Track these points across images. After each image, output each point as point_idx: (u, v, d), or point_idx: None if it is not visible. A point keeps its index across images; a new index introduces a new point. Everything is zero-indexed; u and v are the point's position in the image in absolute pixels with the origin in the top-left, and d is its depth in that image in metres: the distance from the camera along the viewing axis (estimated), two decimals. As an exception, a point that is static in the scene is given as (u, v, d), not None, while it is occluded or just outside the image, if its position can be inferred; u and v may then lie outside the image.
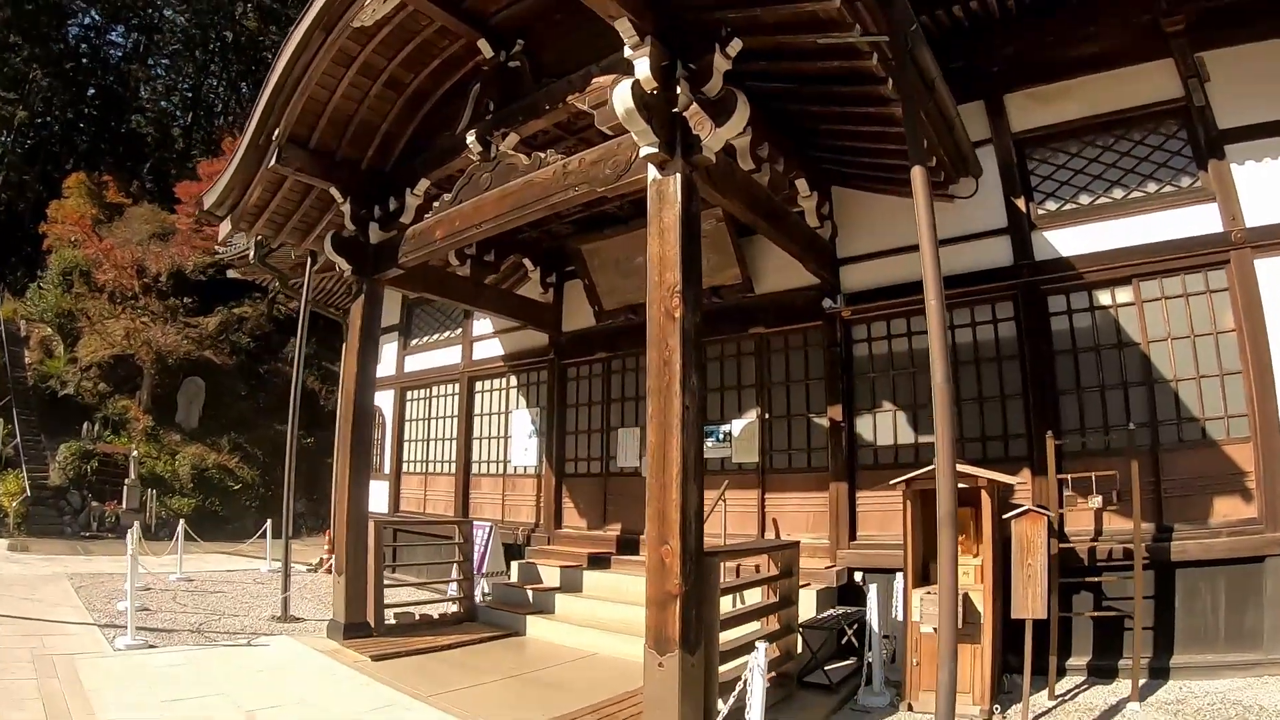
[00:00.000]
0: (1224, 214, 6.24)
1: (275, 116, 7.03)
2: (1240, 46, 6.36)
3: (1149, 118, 6.68)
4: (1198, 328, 6.25)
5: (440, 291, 8.68)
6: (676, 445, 4.83)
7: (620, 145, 5.67)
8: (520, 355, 10.84)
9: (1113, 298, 6.59)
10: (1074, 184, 6.93)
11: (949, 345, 7.01)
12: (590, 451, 9.79)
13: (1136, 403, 6.34)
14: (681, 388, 4.90)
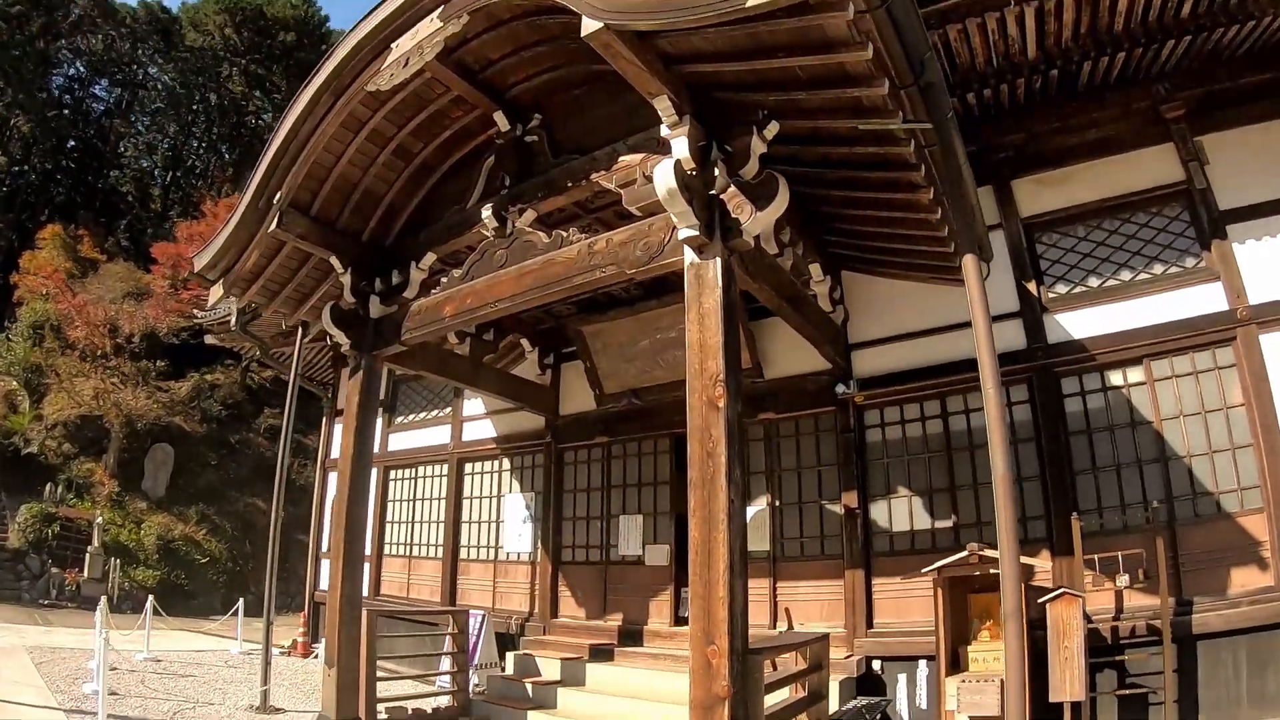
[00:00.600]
0: (1228, 292, 6.24)
1: (277, 179, 6.56)
2: (1237, 129, 6.52)
3: (1153, 200, 6.71)
4: (1208, 404, 6.19)
5: (440, 371, 8.06)
6: (723, 541, 4.45)
7: (652, 226, 5.24)
8: (514, 438, 10.18)
9: (1125, 378, 6.51)
10: (1083, 267, 6.90)
11: (965, 430, 6.75)
12: (589, 538, 9.17)
13: (1152, 480, 6.23)
14: (727, 480, 4.52)
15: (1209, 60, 6.51)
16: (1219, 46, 6.37)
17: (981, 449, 6.67)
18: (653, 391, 8.57)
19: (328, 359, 13.03)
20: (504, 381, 9.07)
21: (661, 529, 8.49)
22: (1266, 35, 6.23)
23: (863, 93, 4.78)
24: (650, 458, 8.79)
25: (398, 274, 7.24)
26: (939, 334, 7.14)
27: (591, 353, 8.87)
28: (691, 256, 5.02)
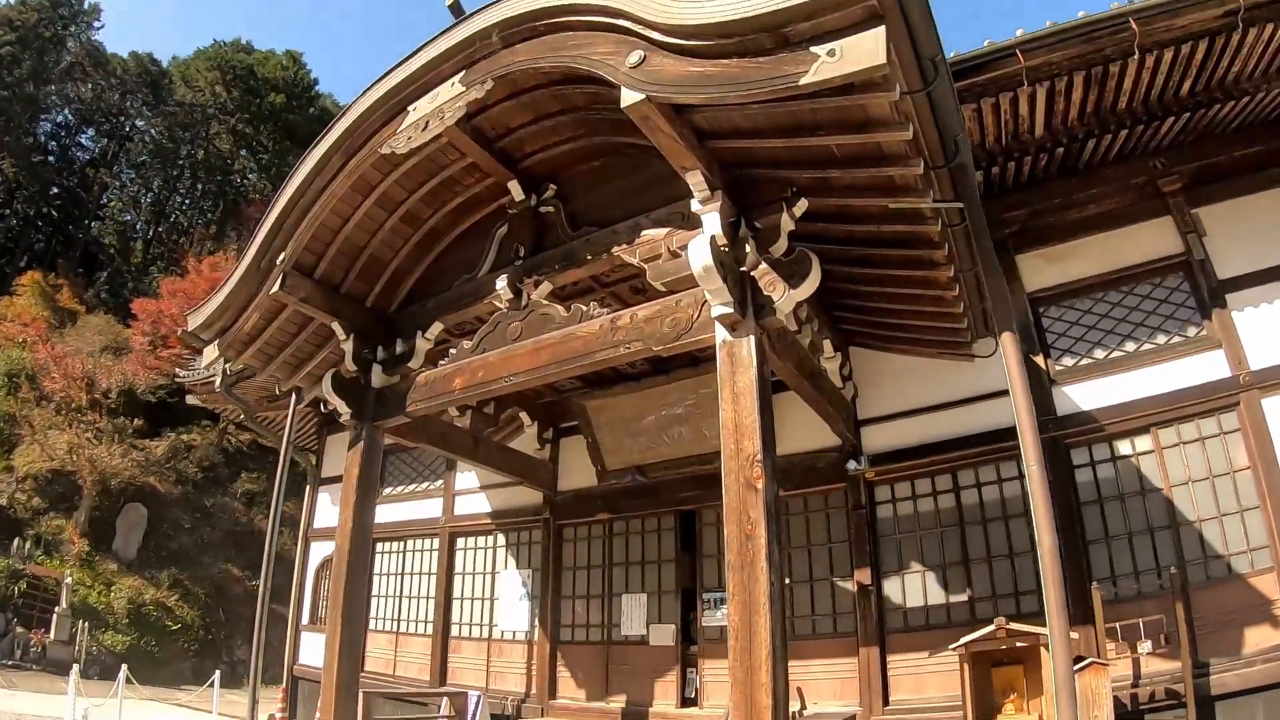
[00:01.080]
0: (1230, 359, 6.21)
1: (281, 239, 6.22)
2: (1231, 201, 6.57)
3: (1154, 272, 6.71)
4: (1215, 468, 6.11)
5: (441, 444, 7.63)
6: (765, 625, 4.17)
7: (679, 303, 4.95)
8: (511, 513, 9.63)
9: (1133, 447, 6.42)
10: (1088, 339, 6.83)
11: (978, 503, 6.48)
12: (589, 617, 8.64)
13: (1164, 546, 6.10)
14: (767, 563, 4.27)
15: (1202, 135, 6.60)
16: (1212, 122, 6.44)
17: (995, 522, 6.64)
18: (657, 468, 8.26)
19: (312, 426, 12.33)
20: (504, 456, 8.65)
21: (667, 608, 8.06)
22: (1255, 110, 6.35)
23: (897, 172, 4.67)
24: (654, 535, 8.39)
25: (402, 343, 6.84)
26: (949, 409, 7.02)
27: (594, 428, 8.53)
28: (723, 334, 4.77)
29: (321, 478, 12.22)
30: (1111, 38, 5.60)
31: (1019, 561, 6.40)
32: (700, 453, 7.83)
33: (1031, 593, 6.24)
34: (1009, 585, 6.40)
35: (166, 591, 18.82)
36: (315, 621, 11.37)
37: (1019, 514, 6.48)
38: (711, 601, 7.63)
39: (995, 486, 6.66)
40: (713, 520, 7.86)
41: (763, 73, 3.97)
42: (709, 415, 7.63)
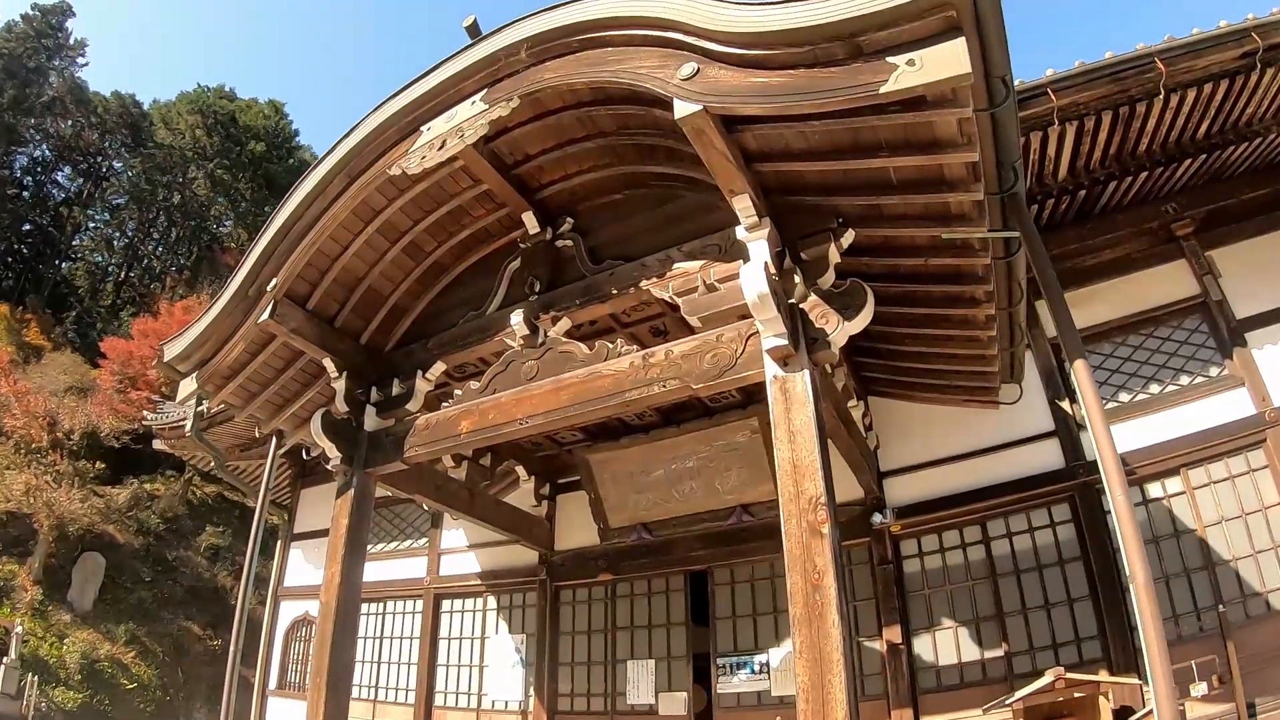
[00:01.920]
0: (1254, 397, 6.02)
1: (273, 264, 5.50)
2: (1243, 242, 6.46)
3: (1173, 315, 6.52)
4: (1246, 506, 5.81)
5: (437, 496, 6.82)
6: (839, 684, 3.56)
7: (720, 338, 4.40)
8: (503, 573, 8.71)
9: (1164, 489, 6.08)
10: (1112, 383, 6.54)
11: (1009, 553, 6.04)
12: (590, 686, 7.73)
13: (1200, 587, 5.72)
14: (839, 615, 3.69)
15: (1212, 179, 6.53)
16: (1223, 165, 6.37)
17: (1029, 573, 6.16)
18: (666, 525, 7.54)
19: (286, 478, 11.27)
20: (500, 512, 7.80)
21: (677, 675, 7.25)
22: (1264, 153, 6.28)
23: (956, 198, 4.28)
24: (662, 597, 7.61)
25: (399, 383, 6.12)
26: (975, 457, 6.64)
27: (597, 483, 7.78)
28: (775, 369, 4.27)
29: (294, 533, 11.12)
30: (1137, 78, 5.59)
31: (1055, 613, 5.94)
32: (713, 508, 7.22)
33: (1070, 644, 5.86)
34: (1046, 638, 5.91)
35: (123, 647, 16.85)
36: (284, 687, 10.20)
37: (1052, 563, 6.05)
38: (728, 667, 6.89)
39: (1027, 536, 6.22)
40: (726, 580, 7.24)
41: (835, 82, 3.55)
42: (723, 469, 7.06)
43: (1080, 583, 5.92)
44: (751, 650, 6.83)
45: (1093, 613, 5.77)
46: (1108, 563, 5.80)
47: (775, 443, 4.08)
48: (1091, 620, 5.77)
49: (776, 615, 6.82)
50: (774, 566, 6.95)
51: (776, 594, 6.88)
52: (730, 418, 6.92)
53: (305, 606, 10.12)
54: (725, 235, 4.91)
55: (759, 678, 6.69)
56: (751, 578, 7.08)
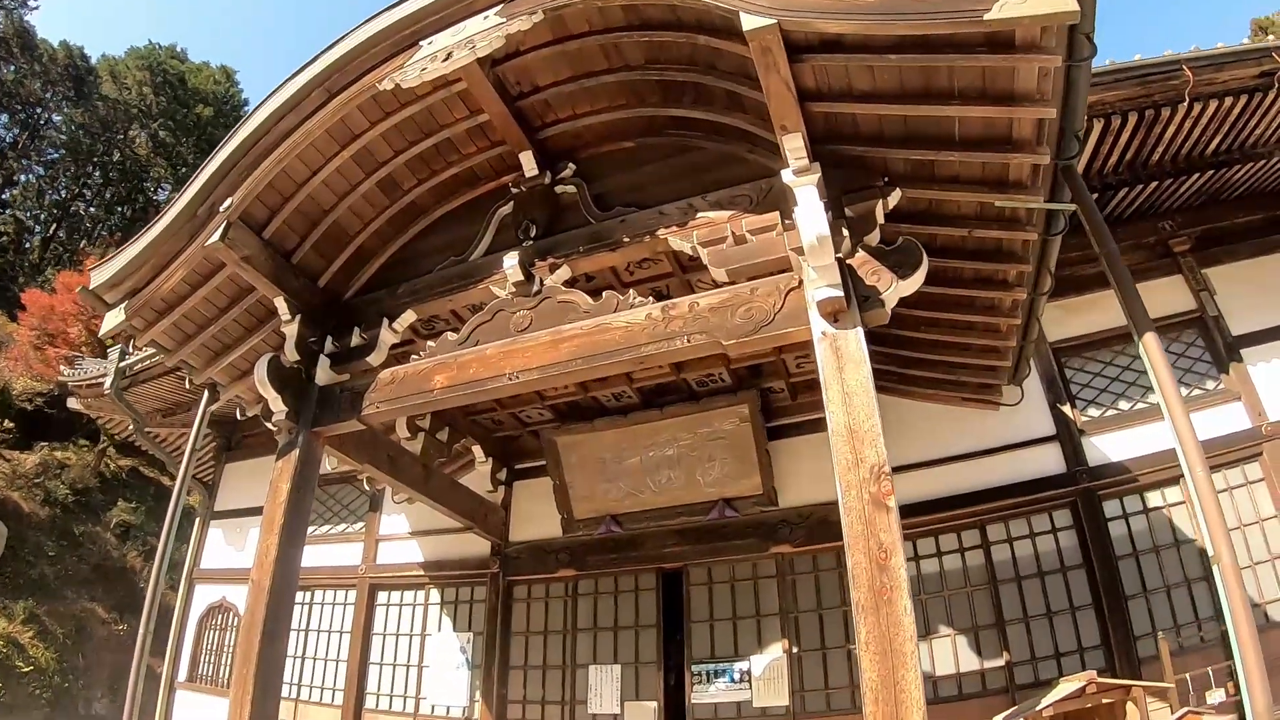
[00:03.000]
0: (1250, 411, 5.91)
1: (230, 183, 4.60)
2: (1238, 262, 6.41)
3: (1170, 327, 6.30)
4: (1244, 517, 5.61)
5: (389, 470, 5.88)
6: (912, 680, 2.99)
7: (755, 291, 3.92)
8: (450, 565, 7.68)
9: (1164, 498, 5.81)
10: (1112, 391, 6.32)
11: (1010, 559, 5.68)
12: (546, 692, 6.79)
13: (1200, 597, 5.45)
14: (910, 599, 3.16)
15: (1210, 200, 6.52)
16: (1223, 186, 6.34)
17: (1030, 579, 5.74)
18: (638, 518, 6.79)
19: (210, 451, 9.96)
20: (456, 494, 6.85)
21: (645, 682, 6.43)
22: (1263, 176, 6.26)
23: (1018, 161, 3.87)
24: (630, 596, 6.80)
25: (360, 333, 5.24)
26: (974, 459, 6.21)
27: (564, 468, 6.97)
28: (824, 325, 3.71)
29: (215, 511, 9.77)
30: (1163, 83, 5.48)
31: (1058, 621, 5.55)
32: (692, 502, 6.56)
33: (1073, 653, 5.47)
34: (1048, 647, 5.51)
35: (21, 626, 14.57)
36: (194, 679, 8.87)
37: (1054, 570, 5.68)
38: (704, 675, 6.16)
39: (1028, 541, 5.82)
40: (703, 580, 6.53)
41: (936, 3, 3.01)
42: (706, 460, 6.46)
43: (1083, 591, 5.57)
44: (731, 657, 6.12)
45: (1095, 622, 5.43)
46: (1111, 571, 5.49)
47: (827, 406, 3.48)
48: (1094, 629, 5.42)
49: (760, 619, 6.16)
50: (757, 567, 6.35)
51: (760, 596, 6.24)
52: (718, 403, 6.32)
53: (222, 592, 8.86)
54: (757, 186, 4.38)
55: (739, 687, 5.98)
56: (732, 578, 6.40)
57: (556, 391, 6.51)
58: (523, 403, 6.79)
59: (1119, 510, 5.73)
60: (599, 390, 6.47)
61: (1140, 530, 5.69)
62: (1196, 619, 5.34)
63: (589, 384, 6.32)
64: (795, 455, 6.47)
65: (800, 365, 6.18)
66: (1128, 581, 5.52)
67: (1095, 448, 5.93)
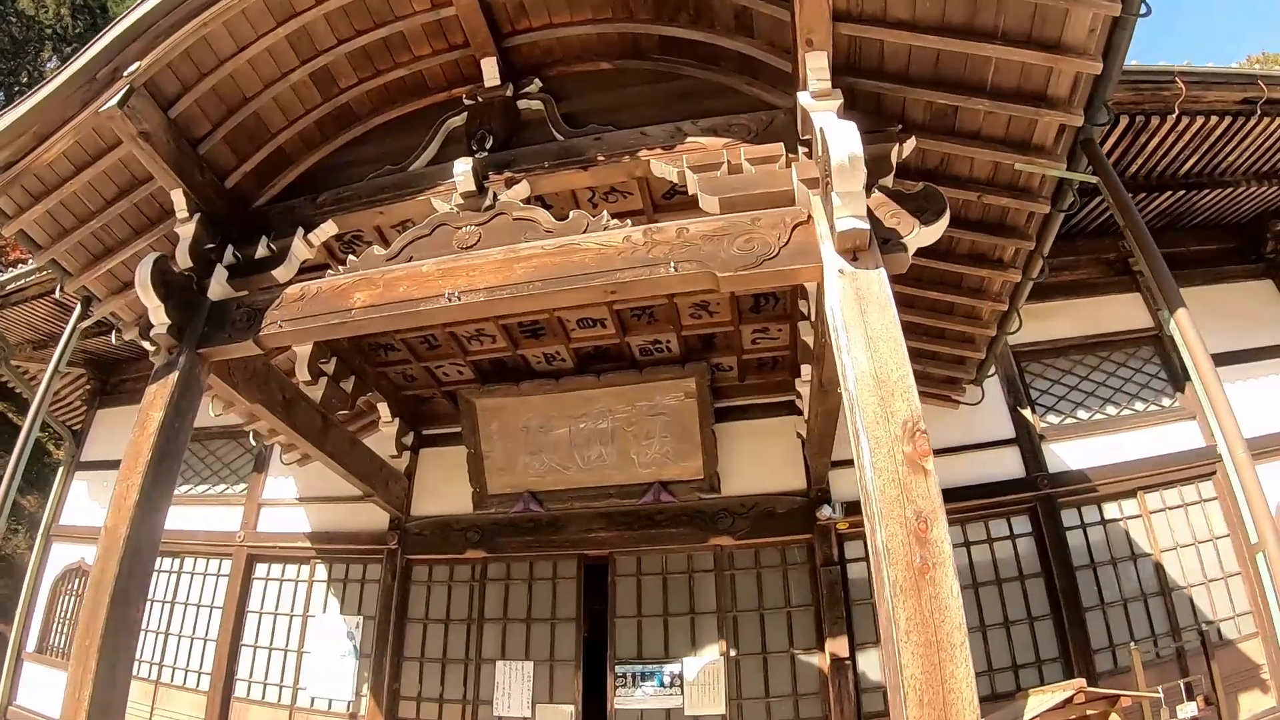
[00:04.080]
0: (1204, 430, 5.80)
1: (140, 46, 3.63)
2: (1194, 288, 6.15)
3: (1128, 342, 6.29)
4: (1198, 534, 5.50)
5: (282, 414, 4.81)
6: (965, 676, 2.35)
7: (756, 222, 3.25)
8: (341, 537, 6.53)
9: (1120, 510, 5.63)
10: (1071, 399, 6.10)
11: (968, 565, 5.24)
12: (445, 689, 5.81)
13: (1157, 614, 5.26)
14: (955, 578, 2.53)
15: (1167, 226, 6.45)
16: (1185, 212, 6.31)
17: (987, 587, 5.37)
18: (562, 497, 5.97)
19: (82, 395, 8.51)
20: (356, 455, 5.75)
21: (561, 683, 5.57)
22: (1220, 207, 6.27)
23: (1048, 119, 3.54)
24: (547, 585, 5.93)
25: (268, 244, 4.28)
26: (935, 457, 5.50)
27: (482, 435, 6.08)
28: (840, 263, 3.08)
29: (82, 461, 8.25)
30: (1155, 92, 5.29)
31: (1016, 631, 5.15)
32: (624, 483, 5.81)
33: (1031, 665, 5.06)
34: (1005, 658, 5.07)
35: None
36: (44, 650, 7.42)
37: (1012, 578, 5.30)
38: (629, 677, 5.38)
39: (985, 547, 5.41)
40: (631, 571, 5.75)
41: None
42: (643, 437, 5.76)
43: (1041, 600, 5.23)
44: (660, 659, 5.38)
45: (1054, 633, 5.07)
46: (1070, 580, 5.16)
47: (845, 353, 2.83)
48: (1053, 643, 5.05)
49: (694, 618, 5.46)
50: (693, 560, 5.65)
51: (695, 592, 5.54)
52: (663, 374, 5.64)
53: (82, 552, 7.38)
54: (756, 118, 3.79)
55: (668, 692, 5.24)
56: (664, 570, 5.67)
57: (482, 348, 5.70)
58: (441, 355, 5.84)
59: (1077, 520, 5.43)
60: (531, 348, 5.65)
61: (1098, 542, 5.43)
62: (1153, 634, 5.12)
63: (519, 339, 5.55)
64: (739, 441, 5.84)
65: (757, 341, 5.55)
66: (1085, 593, 5.19)
67: (1055, 455, 5.63)
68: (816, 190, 3.30)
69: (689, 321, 5.37)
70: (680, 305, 5.21)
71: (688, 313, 5.29)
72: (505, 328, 5.43)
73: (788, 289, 5.03)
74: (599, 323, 5.39)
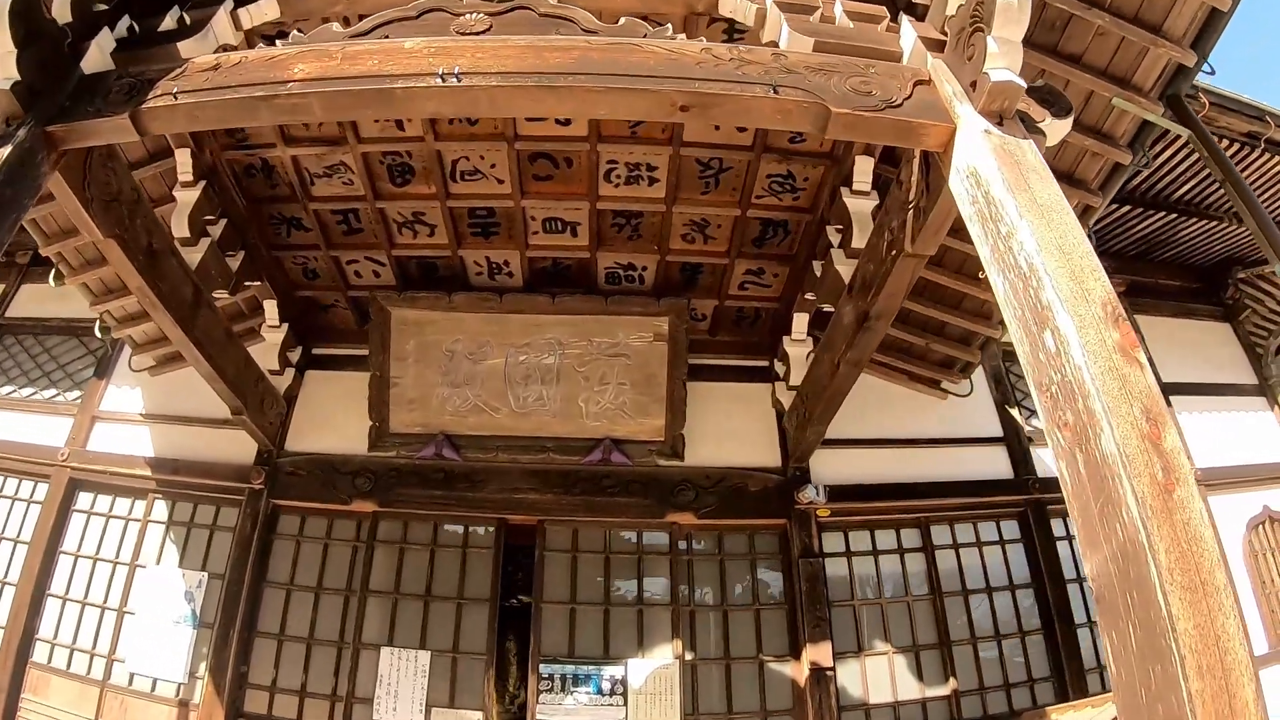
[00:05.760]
0: None
1: None
2: (1165, 318, 6.54)
3: None
4: None
5: (143, 267, 3.48)
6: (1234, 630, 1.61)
7: (873, 69, 2.76)
8: (192, 469, 4.98)
9: None
10: None
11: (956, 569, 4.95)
12: (310, 679, 4.44)
13: None
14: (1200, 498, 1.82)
15: (1140, 255, 6.60)
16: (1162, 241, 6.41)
17: (977, 595, 4.86)
18: (485, 445, 4.87)
19: None
20: (228, 351, 4.33)
21: (467, 683, 4.37)
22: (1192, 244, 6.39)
23: (1163, 52, 3.25)
24: (456, 554, 4.75)
25: (181, 14, 3.17)
26: (917, 447, 5.24)
27: (392, 355, 4.92)
28: (983, 124, 2.52)
29: None
30: None
31: (1007, 646, 4.67)
32: (565, 435, 4.83)
33: (1023, 684, 4.60)
34: (997, 675, 4.59)
35: None
36: None
37: (1003, 586, 4.86)
38: (558, 680, 4.32)
39: (975, 550, 4.91)
40: (564, 546, 4.71)
41: None
42: (597, 382, 4.85)
43: (1032, 613, 4.82)
44: (598, 658, 4.37)
45: (1046, 650, 4.65)
46: (1061, 593, 4.76)
47: (1010, 228, 2.24)
48: (1044, 658, 4.64)
49: (643, 609, 4.50)
50: (644, 539, 4.71)
51: (645, 578, 4.59)
52: (631, 307, 4.81)
53: None
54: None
55: (608, 702, 4.24)
56: (607, 548, 4.70)
57: (414, 241, 4.69)
58: (361, 245, 4.71)
59: (1064, 531, 5.07)
60: (476, 250, 4.67)
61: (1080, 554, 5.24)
62: None
63: (464, 235, 4.58)
64: (707, 405, 5.04)
65: (745, 286, 4.92)
66: (1076, 609, 4.83)
67: (1042, 460, 5.28)
68: (938, 54, 2.76)
69: (678, 246, 4.61)
70: (675, 221, 4.51)
71: (680, 233, 4.57)
72: (452, 214, 4.41)
73: (800, 225, 4.49)
74: (570, 228, 4.50)
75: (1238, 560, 5.40)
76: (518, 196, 4.25)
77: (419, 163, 4.17)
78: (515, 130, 3.92)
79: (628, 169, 4.16)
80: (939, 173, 2.83)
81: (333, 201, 4.41)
